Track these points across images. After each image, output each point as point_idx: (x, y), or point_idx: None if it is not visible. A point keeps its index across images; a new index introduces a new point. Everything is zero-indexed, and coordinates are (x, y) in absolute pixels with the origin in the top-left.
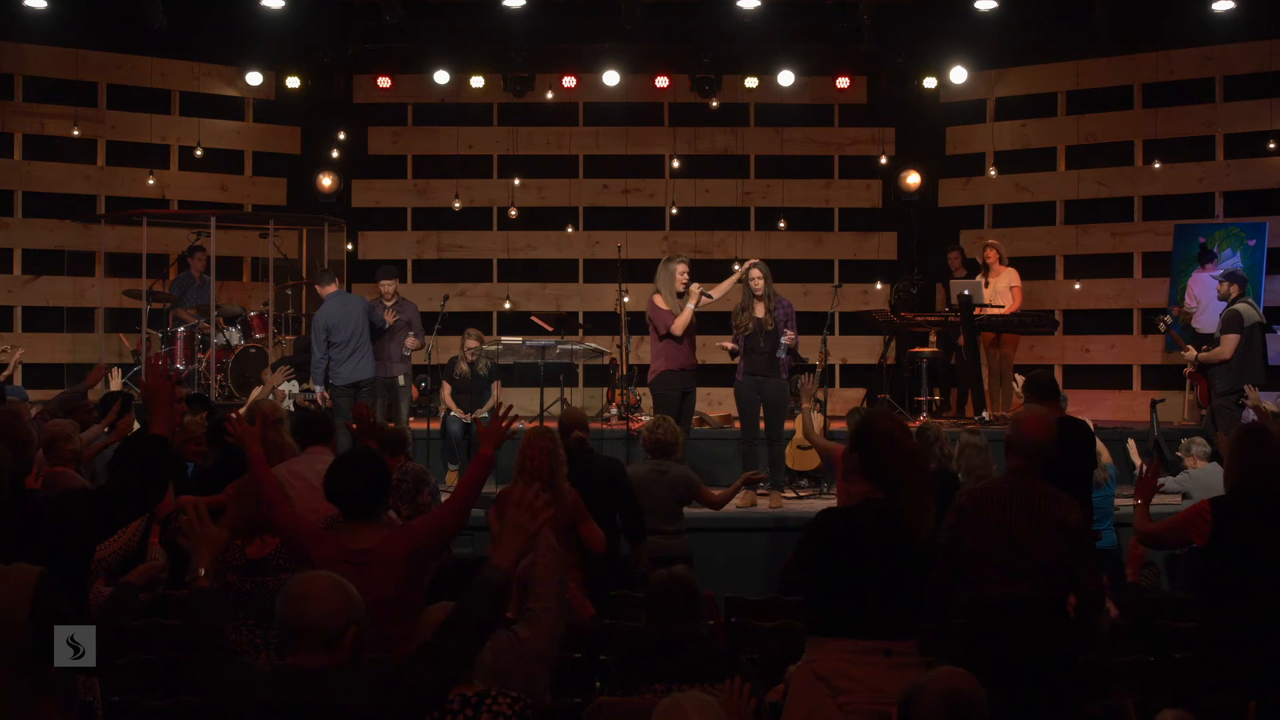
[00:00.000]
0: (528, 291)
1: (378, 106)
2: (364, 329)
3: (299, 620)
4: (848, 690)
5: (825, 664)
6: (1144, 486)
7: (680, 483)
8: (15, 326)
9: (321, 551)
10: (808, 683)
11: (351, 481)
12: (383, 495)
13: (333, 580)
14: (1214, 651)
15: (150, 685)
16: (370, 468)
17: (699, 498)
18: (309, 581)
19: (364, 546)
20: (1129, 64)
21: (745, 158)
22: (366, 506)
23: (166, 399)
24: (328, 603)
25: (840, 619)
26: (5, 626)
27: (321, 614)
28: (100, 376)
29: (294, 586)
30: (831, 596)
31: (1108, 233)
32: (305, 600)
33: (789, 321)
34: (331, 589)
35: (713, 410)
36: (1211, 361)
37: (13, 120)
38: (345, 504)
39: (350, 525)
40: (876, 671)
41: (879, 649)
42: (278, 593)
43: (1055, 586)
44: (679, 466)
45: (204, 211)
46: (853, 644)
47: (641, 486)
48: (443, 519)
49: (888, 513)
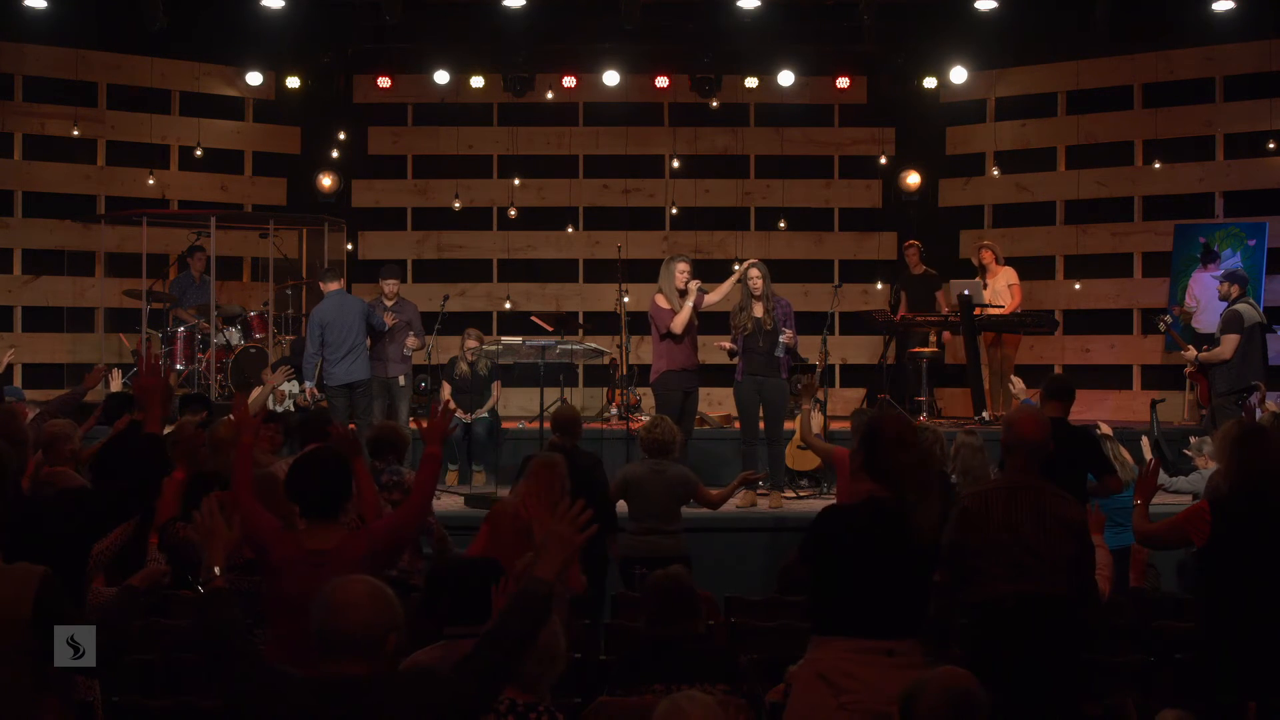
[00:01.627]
0: (528, 291)
1: (378, 106)
2: (359, 330)
3: (338, 628)
4: (849, 690)
5: (827, 663)
6: (1144, 487)
7: (679, 482)
8: (15, 326)
9: (280, 551)
10: (809, 682)
11: (311, 481)
12: (343, 495)
13: (370, 585)
14: (1214, 651)
15: (150, 685)
16: (330, 468)
17: (697, 497)
18: (347, 588)
19: (322, 547)
20: (1129, 64)
21: (745, 158)
22: (326, 506)
23: (160, 398)
24: (367, 610)
25: (843, 618)
26: (8, 626)
27: (362, 621)
28: (100, 378)
29: (332, 594)
30: (834, 595)
31: (1108, 233)
32: (345, 608)
33: (787, 321)
34: (369, 595)
35: (713, 410)
36: (1212, 361)
37: (13, 120)
38: (305, 504)
39: (310, 525)
40: (878, 671)
41: (882, 649)
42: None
43: (1061, 584)
44: (677, 466)
45: (204, 211)
46: (855, 643)
47: (640, 486)
48: (400, 521)
49: (892, 511)
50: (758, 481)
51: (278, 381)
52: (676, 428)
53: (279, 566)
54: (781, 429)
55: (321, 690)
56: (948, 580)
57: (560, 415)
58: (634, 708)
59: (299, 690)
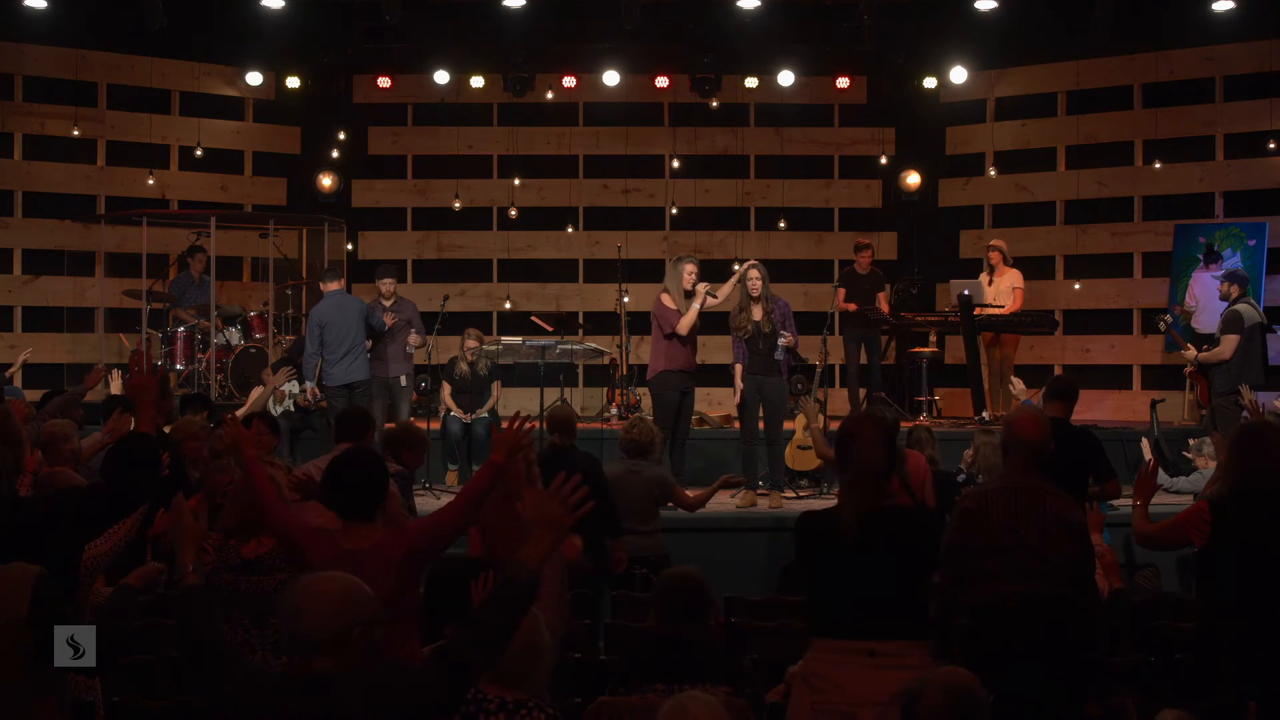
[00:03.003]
0: (528, 291)
1: (378, 106)
2: (358, 331)
3: (296, 630)
4: (821, 690)
5: (809, 664)
6: (1143, 487)
7: (655, 483)
8: (15, 326)
9: (318, 553)
10: (796, 684)
11: (348, 482)
12: (379, 496)
13: (331, 583)
14: (1214, 651)
15: (150, 685)
16: (367, 468)
17: (674, 499)
18: (304, 590)
19: (359, 547)
20: (1129, 64)
21: (745, 158)
22: (363, 507)
23: (151, 397)
24: (324, 609)
25: (828, 619)
26: (3, 627)
27: (318, 622)
28: (99, 378)
29: (290, 596)
30: (818, 596)
31: (1108, 233)
32: (300, 611)
33: (786, 322)
34: (329, 594)
35: (713, 410)
36: (1212, 361)
37: (13, 120)
38: (341, 504)
39: (346, 525)
40: (854, 672)
41: (863, 649)
42: (275, 592)
43: (1062, 584)
44: (654, 467)
45: (204, 211)
46: (838, 644)
47: (616, 486)
48: (442, 522)
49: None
50: (740, 484)
51: (279, 383)
52: (656, 429)
53: (317, 567)
54: (781, 429)
55: (291, 685)
56: (948, 581)
57: (556, 414)
58: (635, 708)
59: (271, 687)
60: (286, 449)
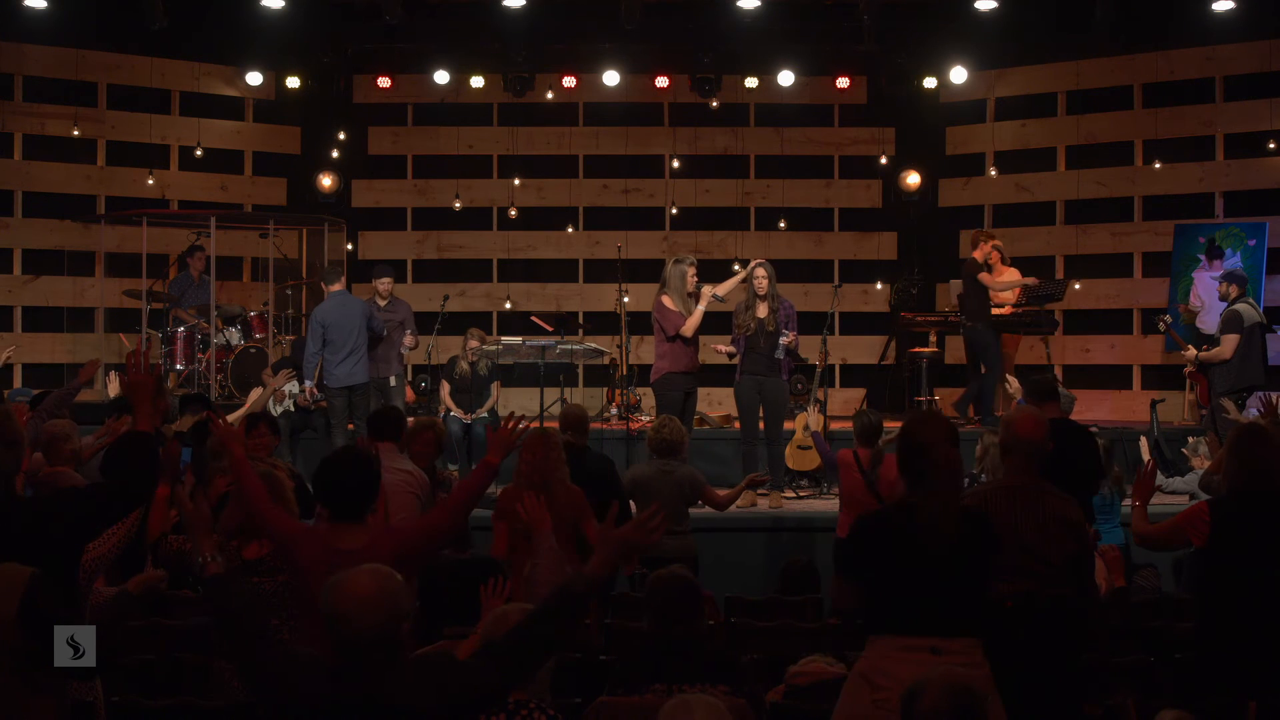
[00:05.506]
0: (528, 291)
1: (377, 106)
2: (360, 332)
3: (345, 634)
4: (884, 688)
5: (870, 661)
6: (1142, 487)
7: (686, 483)
8: (15, 326)
9: (307, 553)
10: (854, 680)
11: (340, 482)
12: (370, 497)
13: (370, 582)
14: (1214, 651)
15: (150, 685)
16: (359, 468)
17: (704, 498)
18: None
19: (350, 548)
20: (1129, 64)
21: (745, 158)
22: (354, 507)
23: (148, 396)
24: (371, 612)
25: (890, 616)
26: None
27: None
28: (92, 373)
29: (332, 603)
30: (881, 594)
31: (1108, 233)
32: (347, 618)
33: (790, 323)
34: (372, 594)
35: (713, 410)
36: (1211, 361)
37: (13, 120)
38: (333, 504)
39: (336, 526)
40: (917, 669)
41: (925, 645)
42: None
43: (1062, 583)
44: (685, 466)
45: (204, 211)
46: (901, 640)
47: (648, 486)
48: (435, 523)
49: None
50: (762, 483)
51: (279, 384)
52: (684, 428)
53: (306, 567)
54: (781, 429)
55: (339, 676)
56: None
57: (569, 414)
58: (634, 708)
59: (318, 672)
60: (286, 449)
